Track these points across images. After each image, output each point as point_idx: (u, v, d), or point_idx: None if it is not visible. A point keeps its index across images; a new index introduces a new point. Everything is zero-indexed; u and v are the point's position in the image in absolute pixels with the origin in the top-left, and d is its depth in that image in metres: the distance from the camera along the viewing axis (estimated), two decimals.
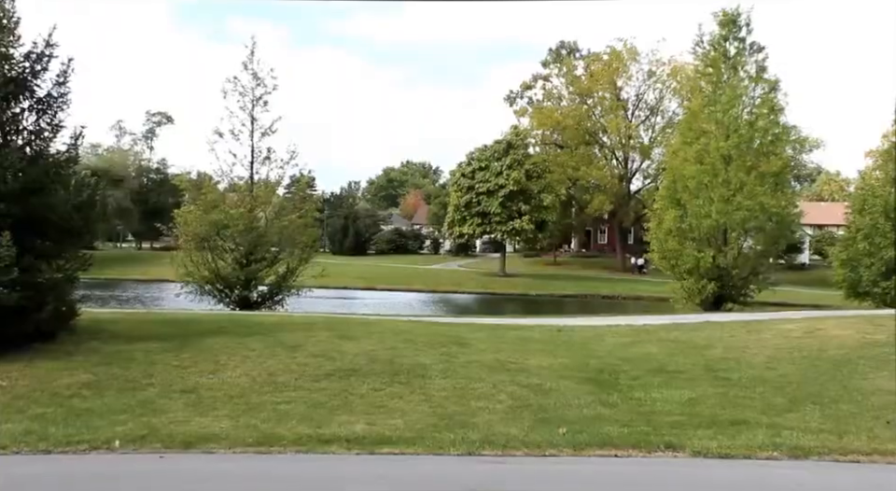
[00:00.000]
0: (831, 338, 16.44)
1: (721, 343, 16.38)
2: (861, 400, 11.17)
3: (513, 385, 11.91)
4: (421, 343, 14.89)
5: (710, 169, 30.98)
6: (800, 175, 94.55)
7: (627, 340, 17.06)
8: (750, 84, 32.70)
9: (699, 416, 10.37)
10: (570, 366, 13.72)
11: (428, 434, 9.19)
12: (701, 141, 31.66)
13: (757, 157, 31.99)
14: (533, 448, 8.80)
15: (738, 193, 30.40)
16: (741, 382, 12.62)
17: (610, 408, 10.86)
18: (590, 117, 75.05)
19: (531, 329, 18.86)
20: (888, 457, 8.40)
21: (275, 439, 8.87)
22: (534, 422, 9.96)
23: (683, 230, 31.60)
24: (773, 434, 9.31)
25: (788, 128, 36.80)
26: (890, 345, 15.18)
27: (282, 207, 27.42)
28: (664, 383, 12.59)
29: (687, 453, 8.67)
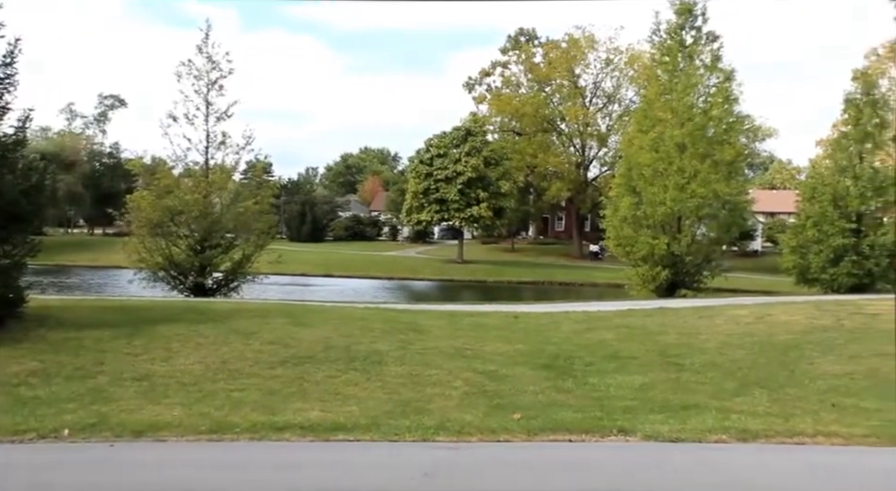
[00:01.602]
0: (780, 324, 16.79)
1: (674, 329, 16.62)
2: (808, 384, 11.44)
3: (469, 372, 11.96)
4: (377, 330, 14.87)
5: (665, 157, 31.35)
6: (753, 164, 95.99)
7: (582, 326, 17.21)
8: (706, 73, 33.08)
9: (651, 401, 10.52)
10: (526, 352, 13.82)
11: (383, 421, 9.20)
12: (656, 129, 32.00)
13: (711, 145, 32.40)
14: (488, 434, 8.85)
15: (692, 181, 30.80)
16: (693, 367, 12.83)
17: (565, 394, 10.97)
18: (548, 104, 75.30)
19: (488, 315, 18.93)
20: (831, 439, 8.61)
21: (229, 426, 8.80)
22: (489, 408, 10.02)
23: (638, 217, 31.96)
24: (722, 418, 9.49)
25: (741, 117, 37.29)
26: (836, 331, 15.58)
27: (238, 193, 27.07)
28: (617, 368, 12.75)
29: (639, 437, 8.78)
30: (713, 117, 32.46)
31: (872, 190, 32.85)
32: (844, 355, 13.36)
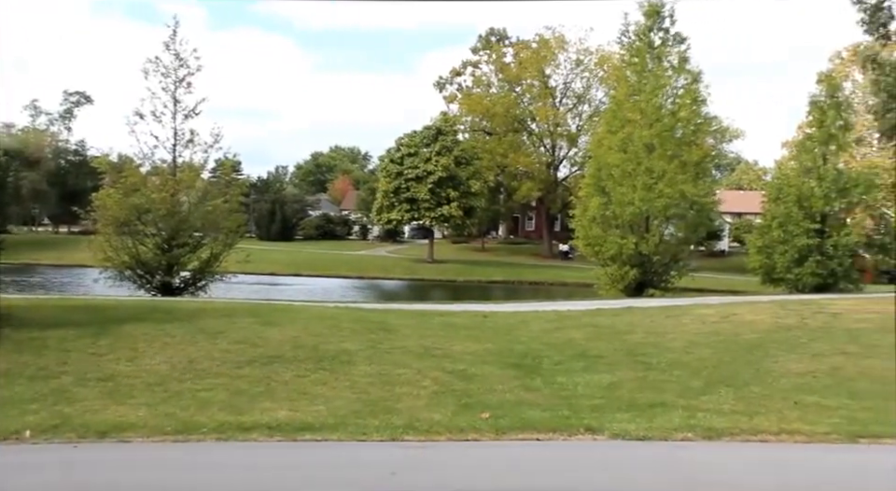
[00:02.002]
0: (745, 323, 17.02)
1: (642, 328, 16.77)
2: (772, 383, 11.59)
3: (438, 371, 11.96)
4: (346, 330, 14.83)
5: (634, 157, 31.61)
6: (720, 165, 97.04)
7: (551, 325, 17.30)
8: (674, 74, 33.40)
9: (619, 400, 10.60)
10: (495, 351, 13.86)
11: (352, 420, 9.17)
12: (625, 130, 32.25)
13: (679, 146, 32.73)
14: (456, 433, 8.86)
15: (660, 181, 31.09)
16: (660, 366, 12.93)
17: (533, 392, 11.01)
18: (518, 104, 75.55)
19: (457, 315, 18.97)
20: (794, 436, 8.73)
21: (195, 427, 8.72)
22: (457, 407, 10.03)
23: (607, 217, 32.20)
24: (688, 416, 9.57)
25: (709, 118, 37.73)
26: (800, 329, 15.81)
27: (206, 192, 26.86)
28: (586, 367, 12.82)
29: (606, 435, 8.84)
30: (681, 118, 32.79)
31: (835, 192, 33.35)
32: (807, 353, 13.57)
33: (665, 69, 33.27)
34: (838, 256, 32.97)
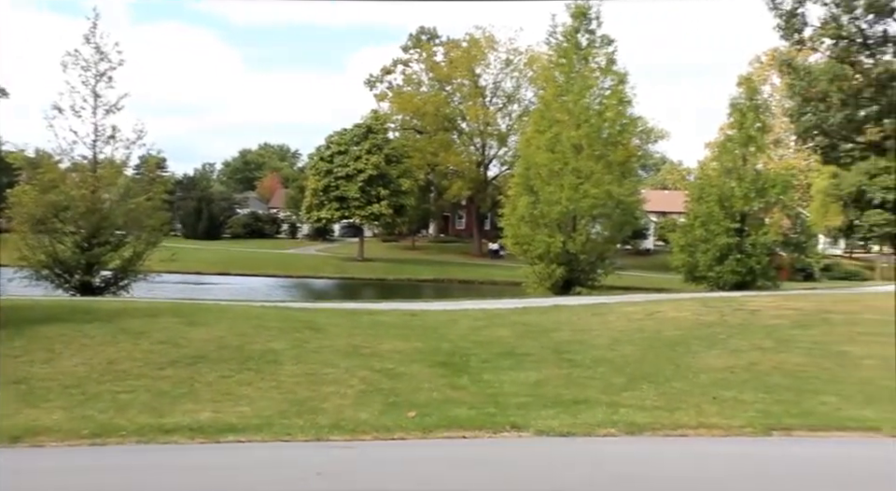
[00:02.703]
0: (668, 320, 17.40)
1: (569, 326, 16.99)
2: (692, 378, 11.87)
3: (365, 370, 11.91)
4: (273, 329, 14.65)
5: (561, 157, 32.02)
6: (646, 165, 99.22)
7: (480, 324, 17.40)
8: (600, 75, 33.95)
9: (544, 397, 10.71)
10: (423, 350, 13.87)
11: (277, 420, 9.07)
12: (553, 130, 32.64)
13: (606, 146, 33.29)
14: (382, 432, 8.83)
15: (587, 181, 31.57)
16: (585, 363, 13.12)
17: (460, 391, 11.05)
18: (449, 103, 75.78)
19: (386, 313, 18.92)
20: (712, 431, 8.96)
21: (113, 430, 8.49)
22: (385, 406, 10.00)
23: (535, 216, 32.53)
24: (611, 412, 9.73)
25: (635, 119, 38.47)
26: (720, 326, 16.25)
27: (128, 189, 26.19)
28: (512, 365, 12.94)
29: (531, 432, 8.92)
30: (608, 118, 33.34)
31: (754, 192, 34.35)
32: (726, 349, 13.94)
33: (593, 70, 33.80)
34: (757, 254, 33.97)
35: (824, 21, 21.09)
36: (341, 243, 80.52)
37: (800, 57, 25.29)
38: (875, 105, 21.20)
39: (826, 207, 59.85)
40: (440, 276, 58.49)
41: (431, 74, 76.63)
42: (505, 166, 75.23)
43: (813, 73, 21.76)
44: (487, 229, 76.28)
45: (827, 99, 21.56)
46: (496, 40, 73.86)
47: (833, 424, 9.16)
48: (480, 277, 57.67)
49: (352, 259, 65.97)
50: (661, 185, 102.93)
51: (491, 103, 75.90)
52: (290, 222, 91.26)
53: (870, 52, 21.48)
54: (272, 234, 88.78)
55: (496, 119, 75.24)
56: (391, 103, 76.08)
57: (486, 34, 74.03)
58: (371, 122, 66.24)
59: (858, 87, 21.47)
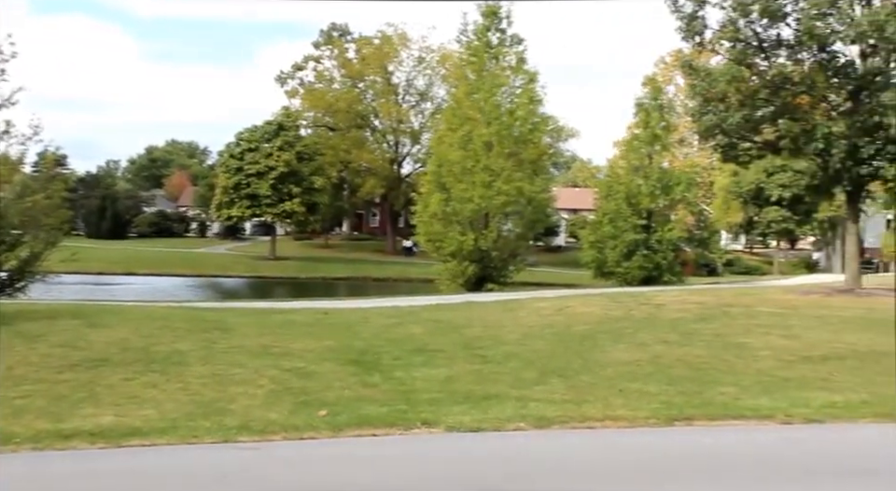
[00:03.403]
0: (577, 315, 17.75)
1: (480, 322, 17.14)
2: (599, 371, 12.13)
3: (275, 370, 11.75)
4: (180, 330, 14.32)
5: (473, 155, 32.33)
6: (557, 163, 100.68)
7: (392, 321, 17.40)
8: (511, 74, 34.40)
9: (455, 393, 10.76)
10: (334, 348, 13.78)
11: (183, 423, 8.85)
12: (465, 128, 32.92)
13: (517, 144, 33.76)
14: (292, 432, 8.72)
15: (498, 179, 31.94)
16: (496, 358, 13.26)
17: (371, 388, 11.01)
18: (361, 100, 75.42)
19: (298, 312, 18.73)
20: (618, 422, 9.17)
21: (7, 437, 8.11)
22: (294, 405, 9.88)
23: (447, 213, 32.77)
24: (521, 406, 9.85)
25: (545, 117, 39.12)
26: (627, 320, 16.68)
27: (25, 186, 25.08)
28: (424, 362, 12.96)
29: (442, 428, 8.95)
30: (518, 117, 33.81)
31: (660, 189, 35.44)
32: (632, 343, 14.31)
33: (503, 69, 34.23)
34: (663, 250, 35.08)
35: (722, 25, 21.81)
36: (252, 241, 79.18)
37: (702, 58, 26.12)
38: (771, 105, 22.05)
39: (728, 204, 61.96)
40: (353, 274, 58.22)
41: (343, 71, 76.12)
42: (418, 164, 75.34)
43: (713, 74, 22.47)
44: (401, 226, 76.31)
45: (726, 100, 22.31)
46: (408, 38, 73.94)
47: (731, 413, 9.50)
48: (394, 275, 57.64)
49: (263, 257, 64.99)
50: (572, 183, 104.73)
51: (404, 100, 75.90)
52: (200, 221, 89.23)
53: (765, 55, 22.34)
54: (180, 233, 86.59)
55: (409, 116, 75.29)
56: (303, 99, 75.28)
57: (399, 31, 74.05)
58: (282, 119, 65.41)
59: (754, 88, 22.29)
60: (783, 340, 14.41)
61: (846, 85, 22.11)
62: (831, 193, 26.66)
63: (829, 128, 21.89)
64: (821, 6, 20.33)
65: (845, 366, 12.24)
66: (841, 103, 22.92)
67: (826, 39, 20.81)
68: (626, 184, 35.79)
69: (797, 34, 21.31)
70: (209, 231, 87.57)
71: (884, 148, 21.54)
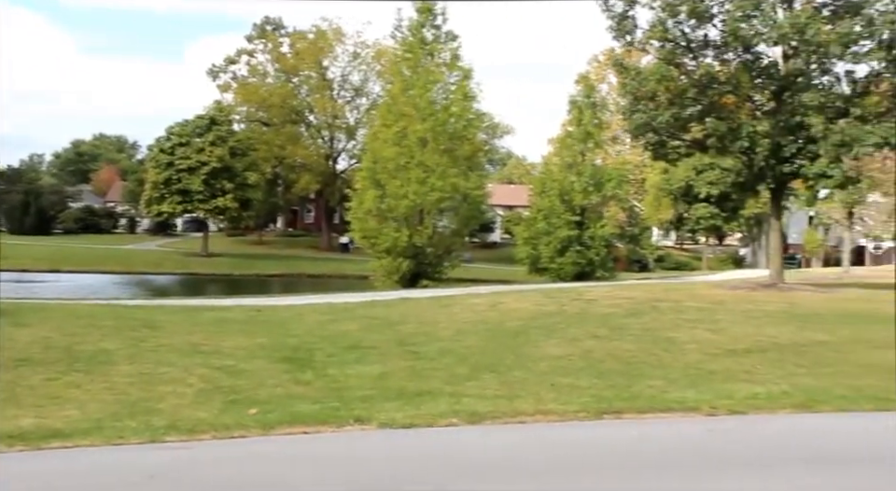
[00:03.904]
0: (510, 310, 17.91)
1: (415, 319, 17.17)
2: (532, 366, 12.25)
3: (205, 368, 11.57)
4: (106, 328, 13.97)
5: (408, 151, 32.34)
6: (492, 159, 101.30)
7: (326, 318, 17.30)
8: (446, 71, 34.49)
9: (389, 389, 10.75)
10: (267, 346, 13.63)
11: (108, 423, 8.63)
12: (400, 124, 32.90)
13: (452, 141, 33.86)
14: (222, 431, 8.58)
15: (433, 175, 32.00)
16: (429, 354, 13.28)
17: (304, 386, 10.92)
18: (296, 95, 74.69)
19: (229, 309, 18.47)
20: (549, 416, 9.27)
21: None
22: (224, 404, 9.74)
23: (382, 210, 32.73)
24: (454, 402, 9.88)
25: (480, 114, 39.33)
26: (559, 316, 16.89)
27: None
28: (358, 358, 12.92)
29: (374, 425, 8.92)
30: (453, 113, 33.95)
31: (593, 186, 35.98)
32: (564, 338, 14.50)
33: (438, 65, 34.28)
34: (595, 246, 35.64)
35: (652, 25, 22.26)
36: (184, 238, 77.68)
37: (633, 58, 26.61)
38: (698, 104, 22.60)
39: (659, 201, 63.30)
40: (288, 271, 57.66)
41: (277, 65, 75.25)
42: (354, 160, 74.94)
43: (643, 73, 22.92)
44: (337, 223, 75.82)
45: (655, 98, 22.78)
46: (343, 33, 73.51)
47: (659, 406, 9.69)
48: (329, 271, 57.26)
49: (195, 254, 63.85)
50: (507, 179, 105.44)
51: (339, 96, 75.43)
52: (129, 216, 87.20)
53: (693, 55, 22.88)
54: (108, 229, 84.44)
55: (344, 112, 74.87)
56: (235, 94, 74.20)
57: (333, 26, 73.50)
58: (214, 113, 64.30)
59: (683, 87, 22.81)
60: (709, 334, 14.78)
61: (769, 85, 22.80)
62: (755, 190, 27.46)
63: (753, 127, 22.54)
64: (746, 8, 20.90)
65: (767, 358, 12.62)
66: (765, 102, 23.63)
67: (750, 41, 21.41)
68: (560, 181, 36.24)
69: (723, 35, 21.88)
70: (139, 227, 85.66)
71: (805, 147, 22.27)
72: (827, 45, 20.50)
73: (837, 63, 22.22)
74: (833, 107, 22.34)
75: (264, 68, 76.45)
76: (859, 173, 22.30)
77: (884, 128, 20.97)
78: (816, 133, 21.74)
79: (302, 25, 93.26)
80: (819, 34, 20.22)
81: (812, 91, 21.90)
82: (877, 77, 22.16)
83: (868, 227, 43.91)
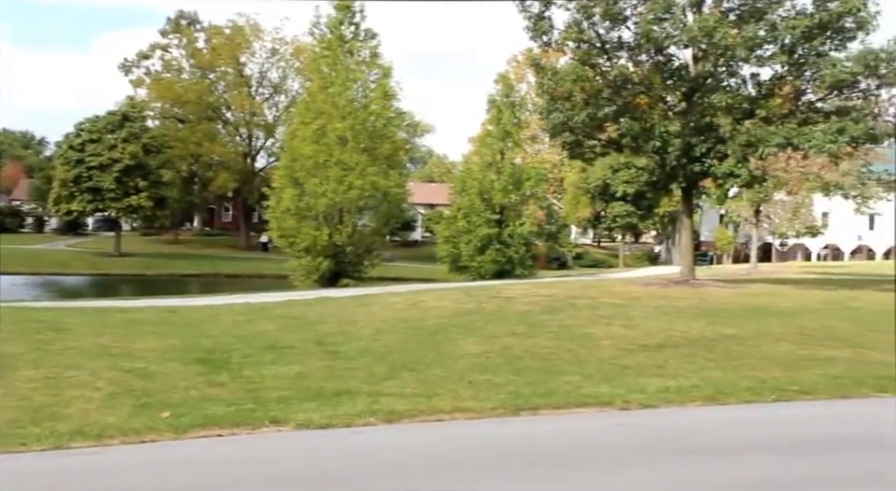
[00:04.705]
0: (430, 309, 17.96)
1: (334, 318, 17.06)
2: (450, 364, 12.30)
3: (115, 371, 11.23)
4: (9, 331, 13.46)
5: (327, 149, 32.10)
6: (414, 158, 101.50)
7: (243, 318, 17.05)
8: (365, 69, 34.33)
9: (306, 390, 10.64)
10: (180, 347, 13.34)
11: (8, 430, 8.29)
12: (318, 122, 32.62)
13: (372, 139, 33.74)
14: (132, 435, 8.35)
15: (352, 173, 31.84)
16: (348, 354, 13.20)
17: (219, 388, 10.71)
18: (212, 91, 73.29)
19: (142, 311, 18.05)
20: (467, 414, 9.33)
21: None
22: (135, 408, 9.47)
23: (301, 208, 32.39)
24: (372, 402, 9.84)
25: (401, 113, 39.30)
26: (478, 313, 17.02)
27: None
28: (275, 359, 12.75)
29: (291, 426, 8.82)
30: (373, 111, 33.84)
31: (512, 185, 36.34)
32: (482, 335, 14.62)
33: (358, 63, 34.11)
34: (515, 244, 36.00)
35: (568, 26, 22.62)
36: (95, 237, 75.28)
37: (552, 58, 26.99)
38: (613, 105, 23.07)
39: (577, 200, 64.45)
40: (204, 271, 56.57)
41: (193, 60, 73.68)
42: (273, 158, 73.93)
43: (559, 73, 23.28)
44: (255, 221, 74.64)
45: (572, 98, 23.16)
46: (261, 28, 72.49)
47: (574, 401, 9.85)
48: (247, 271, 56.42)
49: (107, 254, 61.96)
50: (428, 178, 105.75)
51: (257, 93, 74.35)
52: (36, 215, 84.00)
53: (607, 56, 23.35)
54: (14, 229, 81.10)
55: (262, 109, 73.84)
56: (149, 89, 72.35)
57: (251, 22, 72.39)
58: (126, 109, 62.49)
59: (598, 88, 23.26)
60: (624, 329, 15.11)
61: (680, 86, 23.43)
62: (668, 189, 28.20)
63: (665, 127, 23.14)
64: (657, 11, 21.44)
65: (678, 353, 12.96)
66: (676, 103, 24.28)
67: (662, 43, 21.97)
68: (480, 179, 36.49)
69: (636, 37, 22.39)
70: (47, 226, 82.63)
71: (714, 147, 22.98)
72: (733, 48, 21.19)
73: (743, 65, 23.01)
74: (739, 109, 23.14)
75: (179, 64, 74.77)
76: (764, 172, 23.08)
77: (787, 129, 21.80)
78: (724, 133, 22.48)
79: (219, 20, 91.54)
80: (726, 37, 20.88)
81: (720, 92, 22.62)
82: (780, 80, 23.01)
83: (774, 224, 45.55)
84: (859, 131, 21.26)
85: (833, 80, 21.42)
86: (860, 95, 22.44)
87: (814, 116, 22.67)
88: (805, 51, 21.97)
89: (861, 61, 21.21)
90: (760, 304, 19.29)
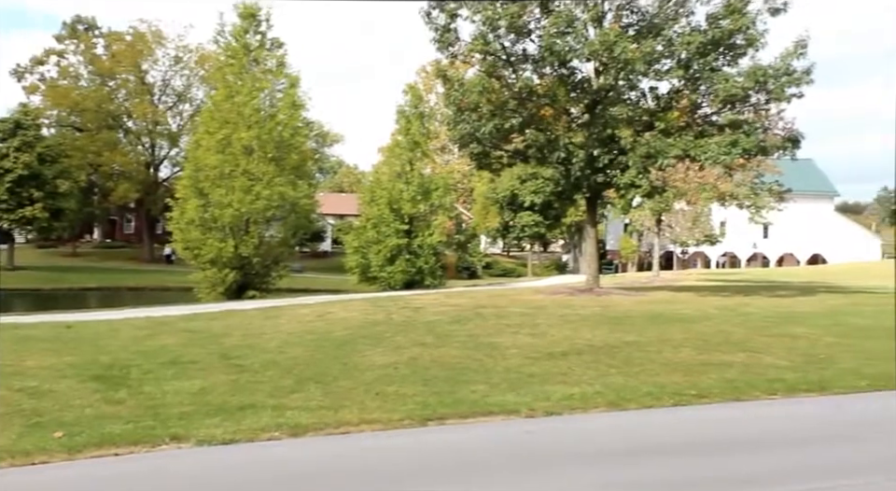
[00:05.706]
0: (338, 320, 17.83)
1: (239, 331, 16.74)
2: (358, 376, 12.23)
3: (4, 390, 10.74)
4: None
5: (232, 159, 31.55)
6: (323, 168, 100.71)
7: (144, 333, 16.57)
8: (272, 78, 33.92)
9: (209, 405, 10.40)
10: (76, 364, 12.86)
11: None
12: (224, 131, 32.03)
13: (279, 149, 33.32)
14: (21, 457, 8.00)
15: (259, 183, 31.37)
16: (253, 367, 12.97)
17: (116, 405, 10.37)
18: (113, 99, 71.02)
19: (35, 326, 17.34)
20: (373, 426, 9.29)
21: None
22: (25, 428, 9.07)
23: (206, 219, 31.70)
24: (277, 415, 9.70)
25: (309, 123, 38.98)
26: (386, 324, 16.98)
27: None
28: (176, 374, 12.42)
29: (192, 443, 8.62)
30: (280, 121, 33.43)
31: (421, 195, 36.47)
32: (390, 346, 14.59)
33: (264, 72, 33.67)
34: (424, 254, 36.12)
35: (474, 38, 22.91)
36: None
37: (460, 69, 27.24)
38: (519, 116, 23.45)
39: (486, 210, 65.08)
40: (105, 284, 54.68)
41: (91, 67, 71.28)
42: (177, 167, 72.13)
43: (466, 85, 23.53)
44: (159, 233, 72.61)
45: (478, 109, 23.44)
46: (163, 35, 70.65)
47: (481, 410, 9.93)
48: (150, 284, 54.83)
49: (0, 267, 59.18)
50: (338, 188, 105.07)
51: (160, 101, 72.51)
52: None
53: (513, 68, 23.74)
54: None
55: (166, 118, 72.06)
56: (44, 96, 69.64)
57: (153, 28, 70.51)
58: (19, 117, 59.84)
59: (504, 99, 23.61)
60: (530, 338, 15.33)
61: (583, 99, 24.02)
62: (574, 199, 28.79)
63: (570, 138, 23.67)
64: (560, 25, 21.94)
65: (582, 360, 13.22)
66: (580, 115, 24.85)
67: (565, 56, 22.47)
68: (389, 190, 36.50)
69: (540, 49, 22.83)
70: None
71: (616, 158, 23.61)
72: (633, 62, 21.85)
73: (643, 79, 23.76)
74: (640, 121, 23.87)
75: (76, 70, 72.21)
76: (664, 183, 23.83)
77: (684, 141, 22.60)
78: (625, 144, 23.13)
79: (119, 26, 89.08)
80: (626, 51, 21.52)
81: (621, 105, 23.29)
82: (678, 94, 23.86)
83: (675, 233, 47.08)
84: (750, 143, 22.21)
85: (726, 94, 22.34)
86: (751, 109, 23.45)
87: (709, 129, 23.57)
88: (700, 66, 22.83)
89: (752, 76, 22.19)
90: (661, 311, 19.87)
